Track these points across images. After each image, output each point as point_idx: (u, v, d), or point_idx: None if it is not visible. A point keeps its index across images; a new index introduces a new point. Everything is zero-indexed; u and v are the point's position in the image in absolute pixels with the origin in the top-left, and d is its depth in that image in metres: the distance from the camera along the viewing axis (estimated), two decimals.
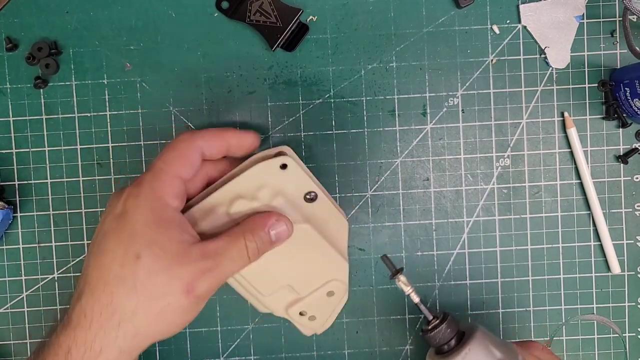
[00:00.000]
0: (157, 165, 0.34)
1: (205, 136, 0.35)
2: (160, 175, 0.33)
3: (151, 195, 0.32)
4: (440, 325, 0.32)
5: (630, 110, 0.41)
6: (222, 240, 0.33)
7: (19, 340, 0.43)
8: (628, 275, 0.44)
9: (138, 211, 0.32)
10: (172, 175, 0.33)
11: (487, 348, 0.31)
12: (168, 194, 0.33)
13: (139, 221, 0.31)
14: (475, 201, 0.44)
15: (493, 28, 0.43)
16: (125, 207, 0.32)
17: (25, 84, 0.42)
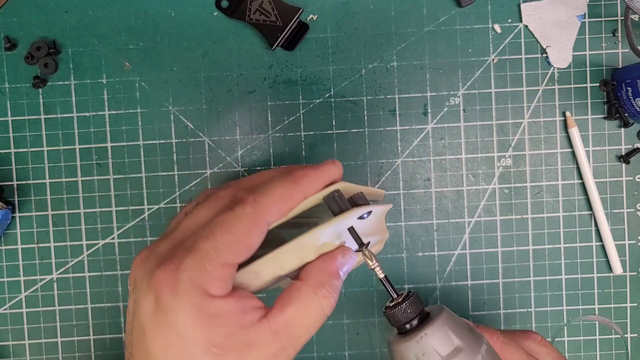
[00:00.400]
0: (202, 247, 0.26)
1: (272, 204, 0.27)
2: (205, 264, 0.26)
3: (193, 291, 0.25)
4: (402, 303, 0.29)
5: (632, 110, 0.41)
6: (291, 307, 0.27)
7: (17, 341, 0.43)
8: (630, 275, 0.44)
9: (181, 311, 0.25)
10: (222, 264, 0.26)
11: (446, 334, 0.28)
12: (214, 286, 0.26)
13: (186, 323, 0.25)
14: (477, 201, 0.43)
15: (494, 27, 0.43)
16: (164, 304, 0.26)
17: (24, 83, 0.42)
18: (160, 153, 0.43)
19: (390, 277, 0.43)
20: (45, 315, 0.43)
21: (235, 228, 0.26)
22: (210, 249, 0.26)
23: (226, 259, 0.26)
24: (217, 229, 0.26)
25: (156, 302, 0.26)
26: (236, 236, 0.26)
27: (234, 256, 0.26)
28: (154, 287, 0.26)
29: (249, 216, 0.27)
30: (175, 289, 0.25)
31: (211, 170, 0.43)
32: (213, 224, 0.27)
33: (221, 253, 0.26)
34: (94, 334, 0.43)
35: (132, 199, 0.43)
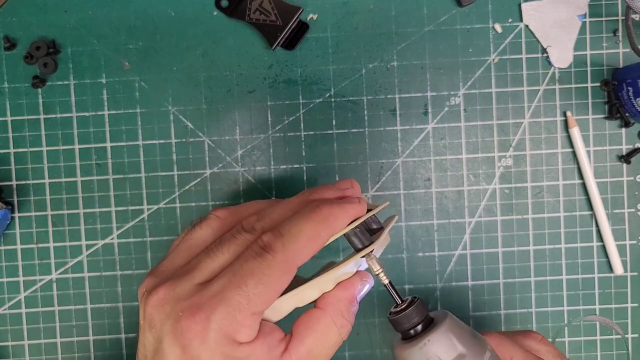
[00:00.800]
0: (234, 298, 0.26)
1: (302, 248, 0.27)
2: (236, 314, 0.25)
3: (222, 340, 0.25)
4: (407, 309, 0.29)
5: (633, 110, 0.41)
6: (310, 338, 0.28)
7: (16, 341, 0.43)
8: (631, 276, 0.44)
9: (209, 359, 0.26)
10: (251, 314, 0.26)
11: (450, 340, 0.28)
12: (243, 333, 0.26)
13: None
14: (477, 201, 0.43)
15: (495, 27, 0.43)
16: (192, 353, 0.25)
17: (23, 83, 0.42)
18: (160, 153, 0.43)
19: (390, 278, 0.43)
20: (45, 316, 0.43)
21: (267, 277, 0.26)
22: (242, 300, 0.26)
23: (257, 309, 0.26)
24: (249, 279, 0.26)
25: (183, 350, 0.26)
26: (268, 286, 0.26)
27: (264, 305, 0.26)
28: (182, 336, 0.26)
29: (280, 264, 0.26)
30: (204, 339, 0.25)
31: (211, 170, 0.43)
32: (244, 273, 0.26)
33: (253, 303, 0.26)
34: (93, 335, 0.43)
35: (132, 199, 0.43)
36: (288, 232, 0.27)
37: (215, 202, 0.43)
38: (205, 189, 0.43)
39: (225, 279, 0.26)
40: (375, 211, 0.31)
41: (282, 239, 0.27)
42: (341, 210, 0.28)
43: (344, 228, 0.29)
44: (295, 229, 0.27)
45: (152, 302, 0.27)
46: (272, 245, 0.27)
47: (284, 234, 0.27)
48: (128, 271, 0.43)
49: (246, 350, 0.26)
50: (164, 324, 0.26)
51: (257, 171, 0.43)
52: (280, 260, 0.26)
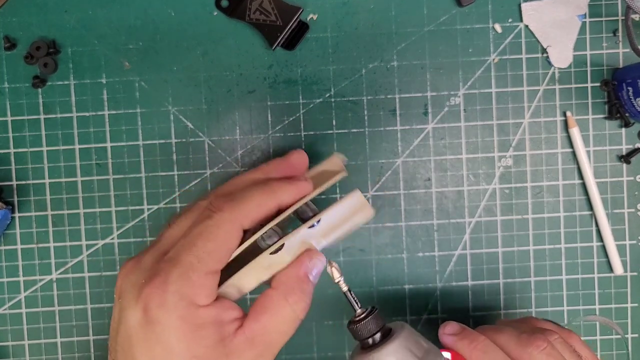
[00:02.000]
0: (185, 259, 0.27)
1: (249, 211, 0.29)
2: (190, 274, 0.27)
3: (180, 302, 0.27)
4: (366, 318, 0.30)
5: (632, 110, 0.41)
6: (265, 314, 0.29)
7: (17, 341, 0.43)
8: (631, 275, 0.44)
9: (167, 323, 0.27)
10: (206, 272, 0.27)
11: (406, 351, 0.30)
12: (200, 295, 0.27)
13: (171, 335, 0.27)
14: (477, 201, 0.43)
15: (495, 27, 0.43)
16: (151, 316, 0.27)
17: (24, 83, 0.42)
18: (160, 153, 0.43)
19: (390, 278, 0.43)
20: (45, 316, 0.43)
21: (214, 236, 0.28)
22: (194, 260, 0.27)
23: (209, 267, 0.28)
24: (197, 239, 0.28)
25: (144, 314, 0.27)
26: (216, 243, 0.28)
27: (216, 263, 0.28)
28: (142, 300, 0.27)
29: (226, 222, 0.28)
30: (163, 302, 0.27)
31: (211, 170, 0.43)
32: (193, 234, 0.28)
33: (204, 262, 0.27)
34: (93, 335, 0.43)
35: (132, 199, 0.43)
36: (239, 197, 0.29)
37: None
38: (205, 189, 0.43)
39: (179, 245, 0.28)
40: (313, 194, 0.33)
41: (231, 201, 0.29)
42: (289, 185, 0.31)
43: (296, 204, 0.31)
44: (247, 195, 0.29)
45: (121, 274, 0.29)
46: (221, 206, 0.29)
47: (234, 198, 0.29)
48: None
49: (202, 316, 0.27)
50: (129, 292, 0.28)
51: None
52: (227, 218, 0.28)
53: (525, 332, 0.33)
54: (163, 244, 0.30)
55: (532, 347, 0.32)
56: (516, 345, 0.33)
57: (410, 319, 0.44)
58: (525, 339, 0.33)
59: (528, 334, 0.33)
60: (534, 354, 0.32)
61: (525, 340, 0.32)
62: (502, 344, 0.33)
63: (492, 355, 0.32)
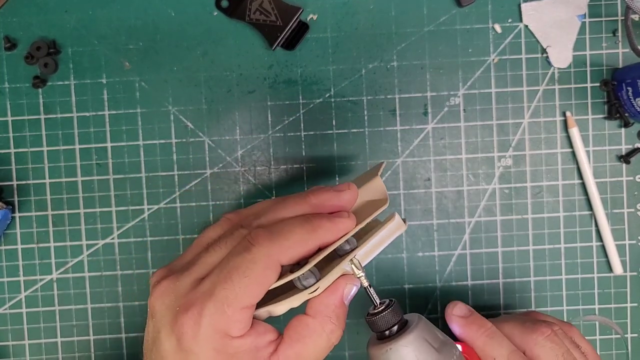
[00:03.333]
0: (221, 293, 0.27)
1: (288, 248, 0.28)
2: (225, 309, 0.27)
3: (214, 335, 0.27)
4: (384, 311, 0.31)
5: (632, 110, 0.41)
6: (300, 343, 0.29)
7: (17, 341, 0.43)
8: (630, 275, 0.44)
9: (201, 354, 0.27)
10: (242, 307, 0.27)
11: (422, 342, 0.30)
12: (234, 328, 0.27)
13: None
14: (477, 201, 0.43)
15: (494, 27, 0.43)
16: (185, 346, 0.27)
17: (24, 83, 0.42)
18: (160, 153, 0.43)
19: (390, 278, 0.43)
20: (45, 316, 0.43)
21: (251, 271, 0.27)
22: (230, 295, 0.27)
23: (245, 303, 0.27)
24: (234, 273, 0.27)
25: (178, 342, 0.27)
26: (252, 279, 0.27)
27: (251, 299, 0.28)
28: (177, 329, 0.27)
29: (264, 257, 0.27)
30: (197, 334, 0.27)
31: (211, 170, 0.43)
32: (230, 267, 0.28)
33: (240, 297, 0.27)
34: (93, 334, 0.43)
35: (132, 199, 0.43)
36: (278, 231, 0.28)
37: (215, 202, 0.43)
38: (205, 189, 0.43)
39: (214, 275, 0.28)
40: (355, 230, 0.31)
41: (270, 234, 0.28)
42: (331, 224, 0.30)
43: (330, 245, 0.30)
44: (286, 230, 0.29)
45: (155, 293, 0.29)
46: (259, 238, 0.28)
47: (273, 232, 0.28)
48: (128, 271, 0.43)
49: (236, 345, 0.27)
50: (163, 315, 0.28)
51: (257, 171, 0.43)
52: (264, 253, 0.27)
53: (529, 322, 0.34)
54: (200, 268, 0.29)
55: (536, 333, 0.33)
56: (521, 333, 0.34)
57: None
58: (530, 327, 0.34)
59: (531, 322, 0.34)
60: (539, 340, 0.33)
61: (530, 328, 0.34)
62: (507, 331, 0.34)
63: (497, 341, 0.33)
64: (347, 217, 0.31)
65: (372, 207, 0.33)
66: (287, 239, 0.28)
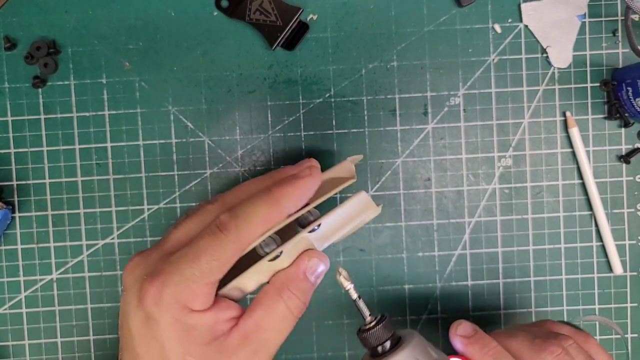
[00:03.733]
0: (187, 269, 0.28)
1: (254, 230, 0.29)
2: (190, 284, 0.28)
3: (174, 305, 0.28)
4: (375, 326, 0.30)
5: (632, 110, 0.41)
6: (259, 310, 0.29)
7: (17, 341, 0.43)
8: (630, 275, 0.44)
9: (162, 321, 0.28)
10: (204, 284, 0.28)
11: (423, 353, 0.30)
12: (196, 302, 0.28)
13: (165, 332, 0.28)
14: (477, 201, 0.43)
15: (494, 27, 0.43)
16: (148, 312, 0.28)
17: (24, 83, 0.42)
18: (160, 153, 0.43)
19: (390, 278, 0.43)
20: (45, 316, 0.43)
21: (219, 254, 0.28)
22: (195, 272, 0.28)
23: (209, 279, 0.28)
24: (202, 255, 0.28)
25: (142, 309, 0.28)
26: (220, 261, 0.28)
27: (216, 275, 0.29)
28: (141, 296, 0.28)
29: (232, 243, 0.29)
30: (158, 301, 0.28)
31: (211, 170, 0.43)
32: (199, 248, 0.29)
33: (205, 275, 0.28)
34: (93, 334, 0.43)
35: (132, 199, 0.43)
36: (243, 213, 0.29)
37: None
38: (205, 189, 0.43)
39: (183, 252, 0.29)
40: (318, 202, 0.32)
41: (236, 220, 0.29)
42: (292, 189, 0.30)
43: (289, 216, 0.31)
44: (250, 211, 0.29)
45: (127, 267, 0.30)
46: (227, 225, 0.29)
47: (239, 215, 0.29)
48: None
49: (195, 318, 0.28)
50: (132, 285, 0.29)
51: (257, 171, 0.43)
52: (233, 239, 0.28)
53: (539, 338, 0.33)
54: (169, 244, 0.30)
55: (545, 352, 0.32)
56: (529, 351, 0.32)
57: (410, 319, 0.44)
58: (539, 345, 0.32)
59: (542, 339, 0.33)
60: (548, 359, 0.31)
61: (539, 346, 0.32)
62: (515, 349, 0.33)
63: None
64: (309, 175, 0.31)
65: (338, 182, 0.34)
66: (252, 220, 0.29)
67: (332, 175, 0.35)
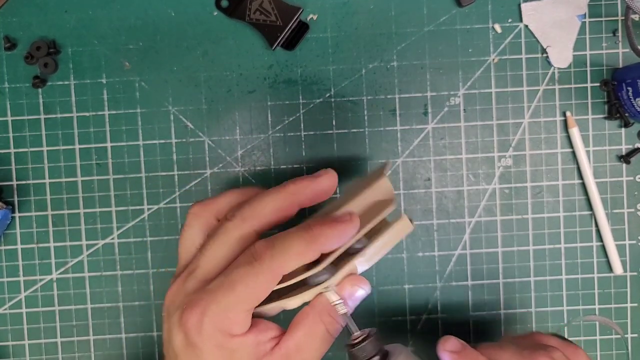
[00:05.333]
0: (224, 299, 0.29)
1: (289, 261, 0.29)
2: (227, 313, 0.29)
3: (216, 333, 0.29)
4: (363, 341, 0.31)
5: (632, 110, 0.41)
6: (300, 331, 0.31)
7: (17, 341, 0.43)
8: (630, 275, 0.44)
9: (205, 348, 0.29)
10: (242, 311, 0.29)
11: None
12: (235, 328, 0.29)
13: (210, 358, 0.29)
14: (477, 201, 0.43)
15: (494, 27, 0.43)
16: (191, 340, 0.30)
17: (24, 83, 0.42)
18: (160, 153, 0.43)
19: (390, 278, 0.43)
20: (45, 316, 0.43)
21: (254, 283, 0.29)
22: (232, 301, 0.29)
23: (246, 307, 0.30)
24: (237, 284, 0.29)
25: (185, 337, 0.30)
26: (255, 290, 0.29)
27: (252, 304, 0.30)
28: (184, 325, 0.29)
29: (267, 272, 0.29)
30: (200, 330, 0.29)
31: (211, 170, 0.43)
32: (234, 277, 0.29)
33: (242, 304, 0.29)
34: (93, 334, 0.43)
35: (132, 199, 0.43)
36: (280, 245, 0.30)
37: None
38: (205, 189, 0.43)
39: (219, 281, 0.30)
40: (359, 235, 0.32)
41: (272, 250, 0.29)
42: (331, 231, 0.30)
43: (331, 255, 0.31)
44: (287, 243, 0.30)
45: (167, 296, 0.32)
46: (263, 255, 0.29)
47: (275, 246, 0.30)
48: (128, 271, 0.43)
49: (237, 343, 0.29)
50: (173, 314, 0.31)
51: (257, 171, 0.43)
52: (268, 269, 0.29)
53: (528, 349, 0.33)
54: (201, 270, 0.31)
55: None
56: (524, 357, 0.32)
57: (409, 319, 0.44)
58: (527, 356, 0.32)
59: (530, 350, 0.33)
60: None
61: (527, 357, 0.32)
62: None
63: None
64: (349, 220, 0.31)
65: (379, 208, 0.33)
66: (287, 253, 0.29)
67: (371, 198, 0.34)
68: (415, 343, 0.44)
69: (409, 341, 0.44)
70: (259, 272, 0.29)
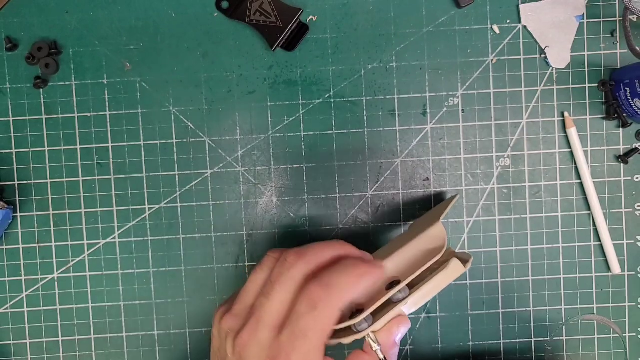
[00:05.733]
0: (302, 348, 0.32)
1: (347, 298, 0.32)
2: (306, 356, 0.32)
3: None
4: None
5: (630, 110, 0.41)
6: None
7: (18, 340, 0.43)
8: (628, 275, 0.44)
9: None
10: (317, 351, 0.32)
11: None
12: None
13: None
14: (476, 201, 0.44)
15: (493, 28, 0.43)
16: None
17: (25, 83, 0.42)
18: (161, 153, 0.43)
19: None
20: (47, 315, 0.43)
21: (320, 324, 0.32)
22: (310, 347, 0.31)
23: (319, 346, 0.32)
24: (309, 331, 0.31)
25: None
26: (323, 329, 0.32)
27: (324, 344, 0.32)
28: None
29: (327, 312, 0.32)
30: None
31: (211, 170, 0.43)
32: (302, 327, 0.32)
33: (317, 348, 0.32)
34: (94, 333, 0.43)
35: (133, 199, 0.43)
36: (335, 284, 0.32)
37: (216, 202, 0.43)
38: (206, 189, 0.43)
39: (290, 331, 0.32)
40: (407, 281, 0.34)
41: (327, 289, 0.32)
42: (376, 270, 0.34)
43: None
44: (338, 281, 0.32)
45: (239, 344, 0.33)
46: (320, 297, 0.32)
47: (329, 286, 0.32)
48: (129, 270, 0.43)
49: None
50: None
51: (258, 171, 0.43)
52: (327, 308, 0.32)
53: None
54: (269, 315, 0.33)
55: None
56: None
57: (409, 318, 0.44)
58: None
59: None
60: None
61: None
62: None
63: None
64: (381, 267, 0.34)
65: (427, 257, 0.34)
66: (341, 289, 0.32)
67: (422, 246, 0.36)
68: (414, 343, 0.44)
69: (408, 341, 0.44)
70: (321, 315, 0.32)
